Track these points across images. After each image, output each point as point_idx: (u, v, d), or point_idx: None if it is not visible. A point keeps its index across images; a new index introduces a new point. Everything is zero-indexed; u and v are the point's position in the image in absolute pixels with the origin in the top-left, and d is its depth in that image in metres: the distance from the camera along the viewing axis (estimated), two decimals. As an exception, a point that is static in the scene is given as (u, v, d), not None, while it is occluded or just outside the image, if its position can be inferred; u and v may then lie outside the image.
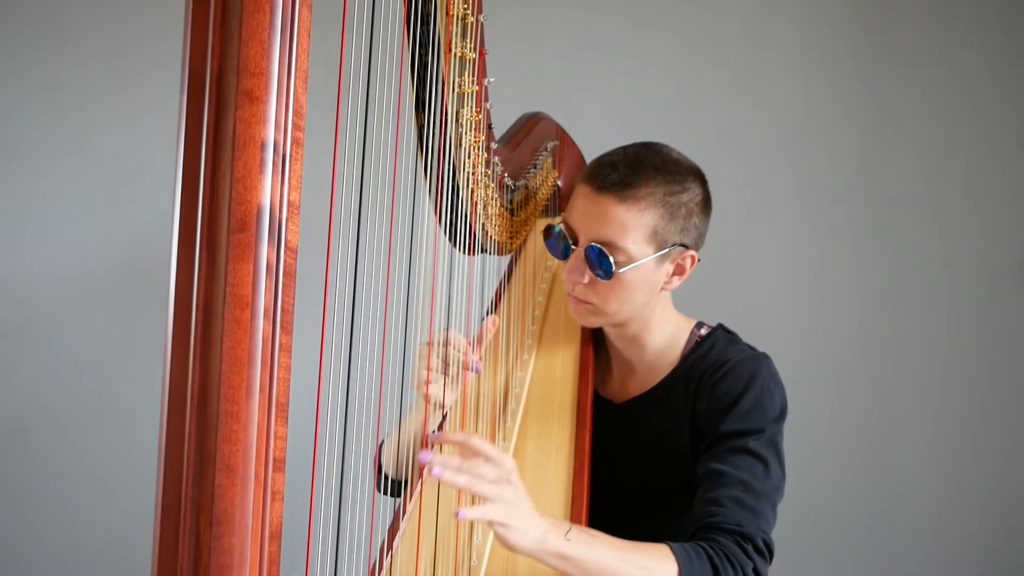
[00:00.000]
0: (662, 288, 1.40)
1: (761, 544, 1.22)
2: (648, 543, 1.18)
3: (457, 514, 1.05)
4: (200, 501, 0.67)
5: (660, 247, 1.36)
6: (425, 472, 1.33)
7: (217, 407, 0.67)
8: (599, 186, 1.36)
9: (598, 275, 1.35)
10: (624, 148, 1.41)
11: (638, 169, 1.35)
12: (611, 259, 1.33)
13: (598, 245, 1.34)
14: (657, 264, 1.37)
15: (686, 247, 1.38)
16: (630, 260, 1.34)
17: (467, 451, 1.09)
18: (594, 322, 1.44)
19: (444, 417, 1.38)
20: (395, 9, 1.02)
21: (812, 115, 2.48)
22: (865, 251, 2.47)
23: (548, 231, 1.42)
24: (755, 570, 1.21)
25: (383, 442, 1.47)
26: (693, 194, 1.37)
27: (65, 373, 2.49)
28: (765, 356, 1.39)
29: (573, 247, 1.39)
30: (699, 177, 1.40)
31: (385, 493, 1.44)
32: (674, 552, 1.16)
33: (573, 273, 1.38)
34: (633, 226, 1.34)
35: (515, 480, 1.09)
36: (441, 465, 1.06)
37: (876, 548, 2.44)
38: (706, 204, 1.40)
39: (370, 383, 1.06)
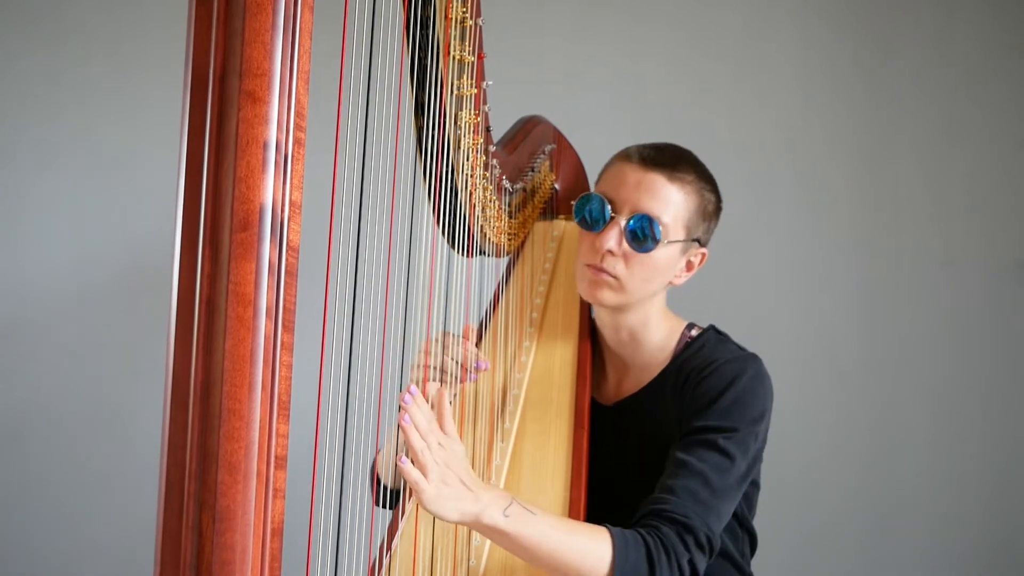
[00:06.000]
0: (670, 282, 1.43)
1: (703, 538, 1.22)
2: (589, 524, 1.19)
3: (400, 460, 1.06)
4: (203, 497, 0.68)
5: (688, 236, 1.40)
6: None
7: (220, 404, 0.68)
8: (649, 163, 1.39)
9: (638, 247, 1.36)
10: (658, 143, 1.44)
11: (682, 159, 1.40)
12: (661, 229, 1.35)
13: (648, 215, 1.35)
14: (681, 252, 1.41)
15: (701, 245, 1.43)
16: (667, 238, 1.37)
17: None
18: (608, 299, 1.41)
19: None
20: (395, 12, 1.03)
21: (812, 114, 2.48)
22: (865, 251, 2.47)
23: (585, 197, 1.41)
24: (691, 562, 1.21)
25: (378, 454, 1.48)
26: (715, 197, 1.43)
27: (65, 373, 2.49)
28: (754, 357, 1.39)
29: (613, 215, 1.39)
30: (716, 185, 1.45)
31: (384, 506, 1.45)
32: (612, 536, 1.16)
33: (609, 241, 1.37)
34: (677, 206, 1.38)
35: (453, 451, 1.10)
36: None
37: (876, 548, 2.44)
38: (719, 211, 1.45)
39: (370, 382, 1.07)
